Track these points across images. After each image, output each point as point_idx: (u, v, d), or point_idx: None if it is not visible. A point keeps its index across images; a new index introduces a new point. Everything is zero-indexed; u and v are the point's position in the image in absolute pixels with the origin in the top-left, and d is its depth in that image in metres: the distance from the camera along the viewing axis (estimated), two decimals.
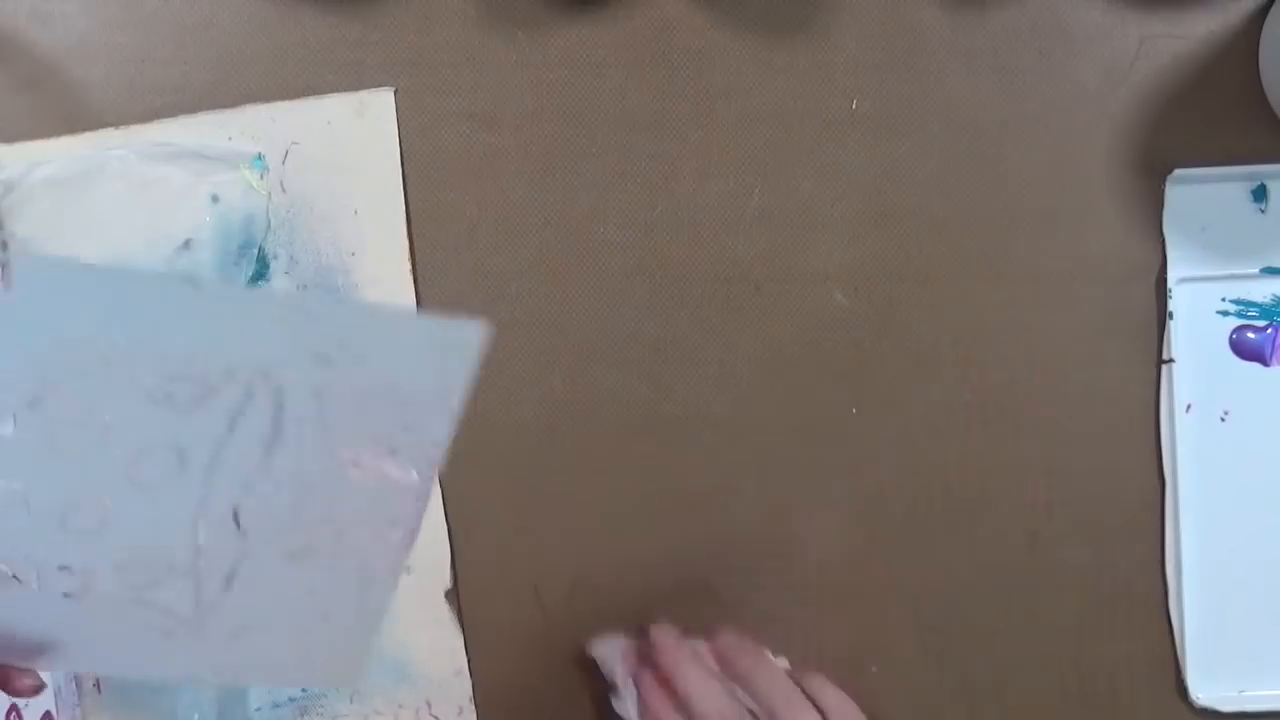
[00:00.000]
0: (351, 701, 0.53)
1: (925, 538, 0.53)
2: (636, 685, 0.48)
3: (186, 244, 0.51)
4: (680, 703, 0.45)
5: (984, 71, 0.53)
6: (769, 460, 0.53)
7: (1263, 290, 0.53)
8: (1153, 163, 0.53)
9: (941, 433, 0.46)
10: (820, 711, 0.44)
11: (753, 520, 0.53)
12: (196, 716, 0.51)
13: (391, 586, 0.39)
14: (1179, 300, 0.53)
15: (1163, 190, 0.53)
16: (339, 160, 0.51)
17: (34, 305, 0.30)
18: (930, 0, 0.53)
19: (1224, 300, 0.53)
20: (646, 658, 0.48)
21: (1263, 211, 0.53)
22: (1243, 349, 0.53)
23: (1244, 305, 0.53)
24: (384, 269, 0.52)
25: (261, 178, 0.51)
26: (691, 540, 0.53)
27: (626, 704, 0.49)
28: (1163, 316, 0.53)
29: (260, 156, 0.51)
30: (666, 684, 0.46)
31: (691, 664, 0.46)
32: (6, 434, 0.31)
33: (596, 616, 0.53)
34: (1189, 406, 0.53)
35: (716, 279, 0.53)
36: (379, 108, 0.52)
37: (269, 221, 0.51)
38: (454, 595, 0.53)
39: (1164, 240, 0.53)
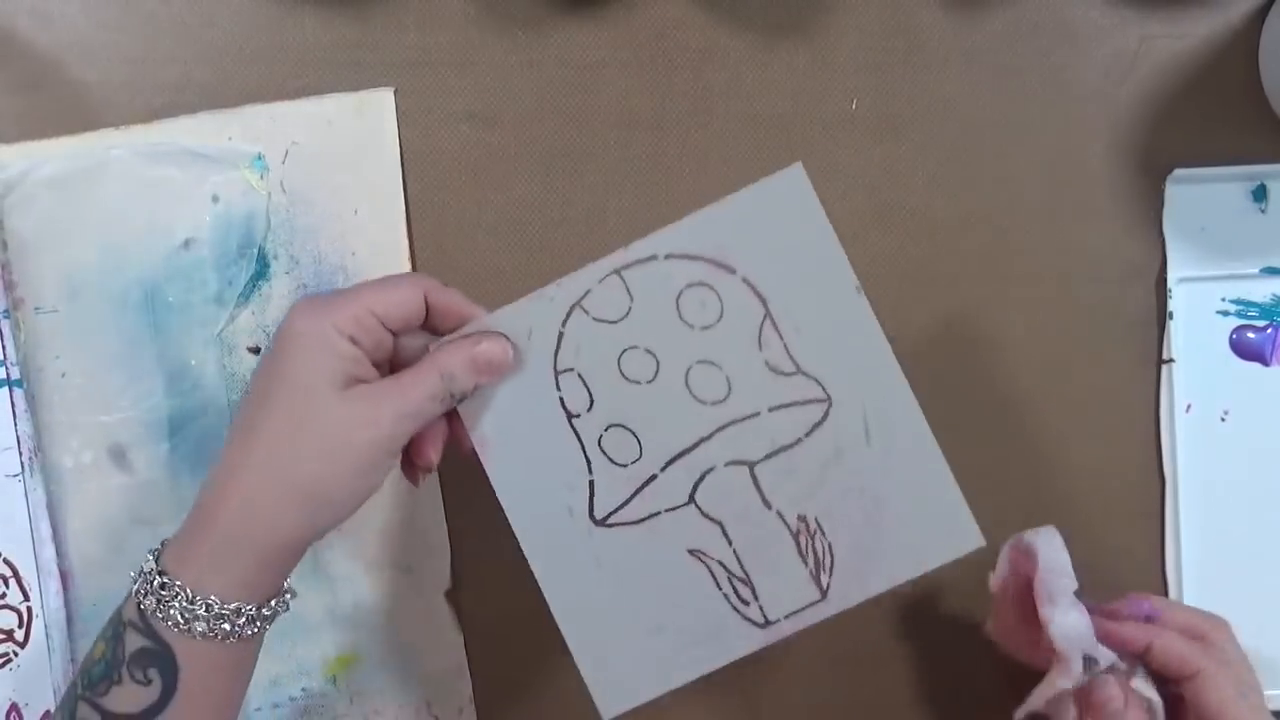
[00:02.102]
0: (352, 702, 0.53)
1: None
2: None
3: (186, 243, 0.51)
4: None
5: (984, 71, 0.53)
6: None
7: (1263, 290, 0.53)
8: (1153, 163, 0.53)
9: (941, 432, 0.45)
10: None
11: None
12: None
13: (928, 435, 0.42)
14: (1179, 300, 0.53)
15: (1163, 190, 0.53)
16: (339, 160, 0.51)
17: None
18: (930, 0, 0.53)
19: (1224, 300, 0.53)
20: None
21: (1263, 211, 0.53)
22: (1243, 349, 0.54)
23: (1244, 305, 0.53)
24: (384, 269, 0.52)
25: (261, 177, 0.51)
26: None
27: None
28: (1163, 316, 0.53)
29: (260, 156, 0.51)
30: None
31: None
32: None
33: None
34: (1189, 406, 0.53)
35: None
36: (379, 108, 0.52)
37: (269, 221, 0.51)
38: (454, 595, 0.53)
39: (1164, 240, 0.53)
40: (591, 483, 0.43)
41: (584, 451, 0.42)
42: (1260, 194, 0.53)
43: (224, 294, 0.51)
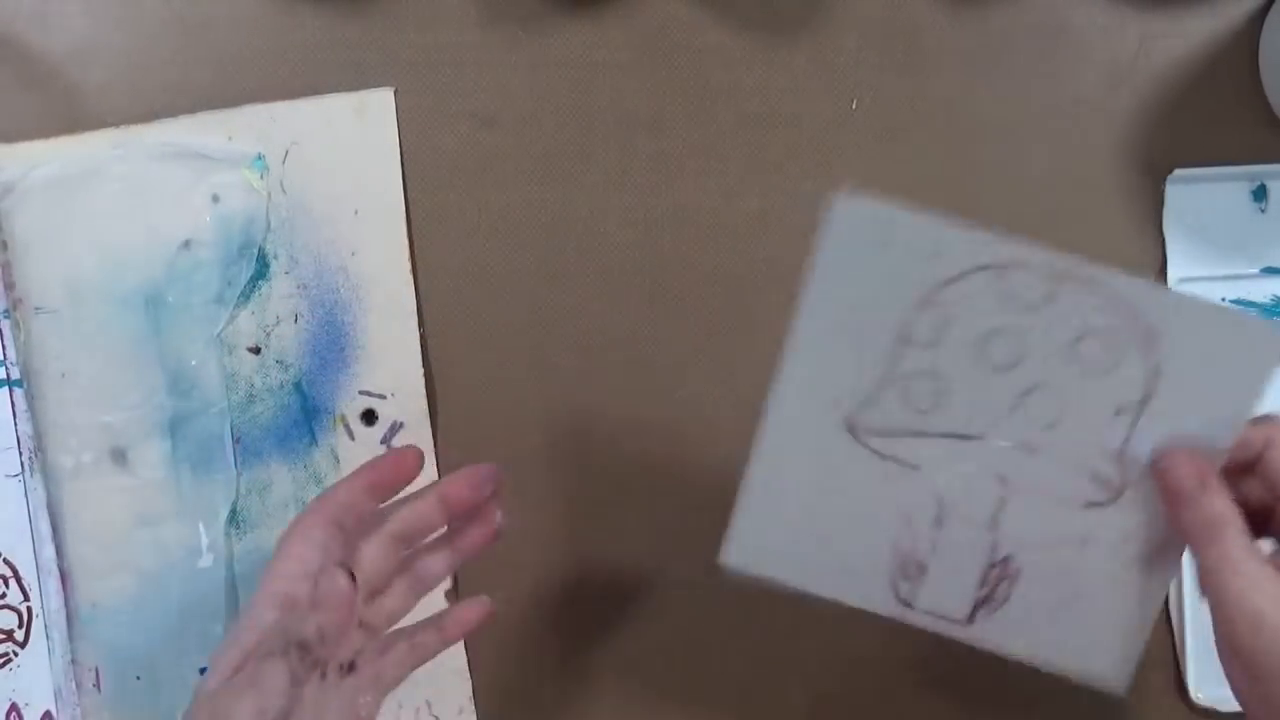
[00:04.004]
0: None
1: None
2: None
3: (186, 244, 0.51)
4: None
5: (984, 71, 0.53)
6: None
7: (1263, 290, 0.53)
8: (1153, 163, 0.53)
9: None
10: None
11: None
12: None
13: (1165, 583, 0.41)
14: None
15: (1163, 190, 0.53)
16: (339, 160, 0.51)
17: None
18: (930, 0, 0.53)
19: (1224, 300, 0.53)
20: None
21: (1263, 211, 0.53)
22: None
23: (1244, 305, 0.53)
24: (384, 269, 0.52)
25: (261, 178, 0.51)
26: (693, 540, 0.53)
27: None
28: None
29: (260, 156, 0.51)
30: None
31: None
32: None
33: (595, 616, 0.53)
34: None
35: (716, 279, 0.53)
36: (379, 108, 0.52)
37: (269, 221, 0.51)
38: (454, 595, 0.53)
39: (1164, 240, 0.53)
40: (871, 398, 0.41)
41: (889, 373, 0.41)
42: (1260, 194, 0.53)
43: (224, 294, 0.51)
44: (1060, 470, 0.41)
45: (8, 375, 0.50)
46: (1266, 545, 0.39)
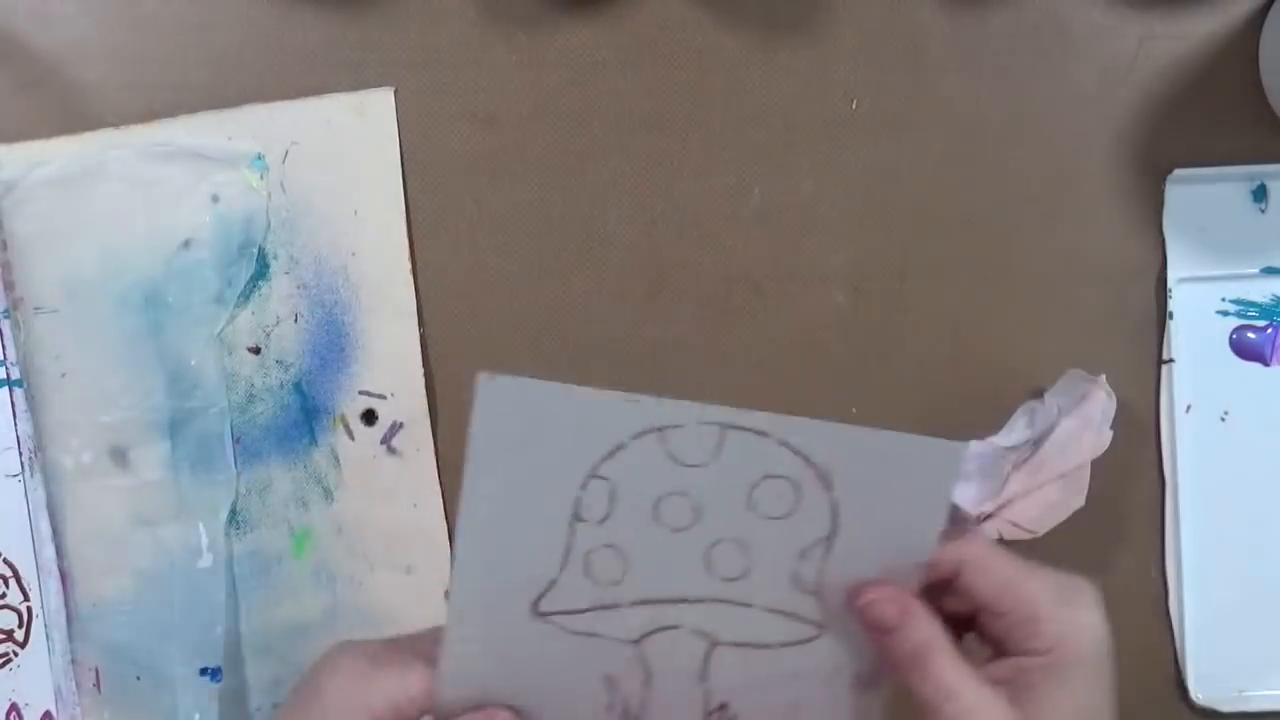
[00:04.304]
0: None
1: None
2: None
3: (186, 244, 0.51)
4: None
5: (984, 71, 0.53)
6: None
7: (1263, 290, 0.53)
8: (1153, 163, 0.53)
9: (941, 433, 0.46)
10: None
11: None
12: (198, 716, 0.51)
13: (879, 699, 0.40)
14: (1179, 300, 0.53)
15: (1163, 190, 0.53)
16: (339, 160, 0.51)
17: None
18: (930, 0, 0.53)
19: (1224, 300, 0.53)
20: None
21: (1263, 211, 0.53)
22: (1243, 349, 0.54)
23: (1244, 305, 0.53)
24: (384, 269, 0.52)
25: (261, 178, 0.51)
26: None
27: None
28: (1163, 316, 0.53)
29: (260, 156, 0.51)
30: None
31: None
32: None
33: None
34: (1189, 406, 0.53)
35: (716, 279, 0.53)
36: (379, 108, 0.52)
37: (269, 221, 0.51)
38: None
39: (1164, 240, 0.53)
40: (553, 581, 0.40)
41: (566, 554, 0.40)
42: (1260, 194, 0.53)
43: (224, 294, 0.51)
44: (758, 617, 0.40)
45: (8, 375, 0.50)
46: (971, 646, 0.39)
